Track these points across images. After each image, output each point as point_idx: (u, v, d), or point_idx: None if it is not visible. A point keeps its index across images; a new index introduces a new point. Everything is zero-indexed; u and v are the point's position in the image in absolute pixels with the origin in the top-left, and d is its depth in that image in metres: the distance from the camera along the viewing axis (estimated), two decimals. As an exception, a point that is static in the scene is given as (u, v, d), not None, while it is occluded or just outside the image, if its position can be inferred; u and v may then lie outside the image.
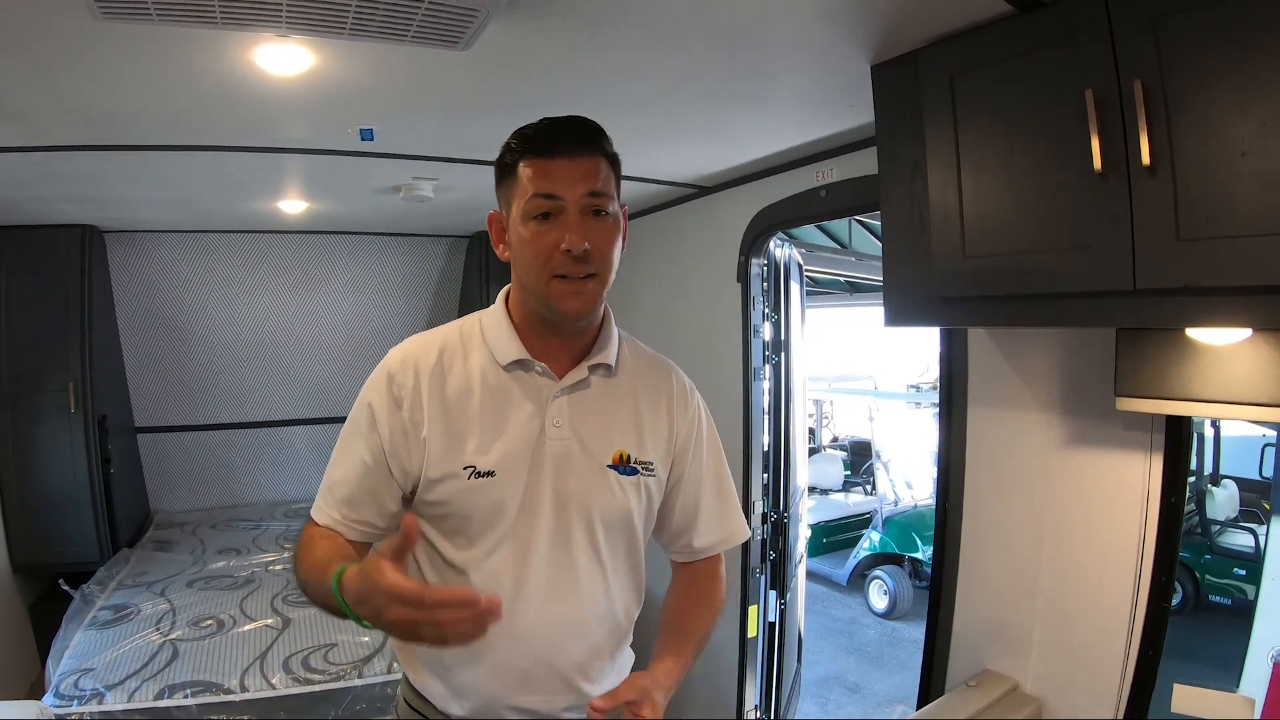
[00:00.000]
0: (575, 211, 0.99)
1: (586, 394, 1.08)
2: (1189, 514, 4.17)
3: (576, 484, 1.05)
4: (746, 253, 2.40)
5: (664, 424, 1.14)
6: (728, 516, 1.21)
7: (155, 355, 3.71)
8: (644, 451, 1.10)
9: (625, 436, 1.09)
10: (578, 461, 1.06)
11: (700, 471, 1.18)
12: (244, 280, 3.81)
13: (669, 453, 1.14)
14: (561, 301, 1.00)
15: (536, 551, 1.04)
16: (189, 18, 1.13)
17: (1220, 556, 4.01)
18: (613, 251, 1.02)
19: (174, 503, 3.84)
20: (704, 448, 1.18)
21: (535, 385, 1.06)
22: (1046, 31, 1.13)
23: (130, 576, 2.95)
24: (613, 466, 1.08)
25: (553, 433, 1.05)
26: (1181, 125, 0.99)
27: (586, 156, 1.00)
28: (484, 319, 1.11)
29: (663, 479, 1.13)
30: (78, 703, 2.06)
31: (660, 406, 1.14)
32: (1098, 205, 1.07)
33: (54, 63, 1.38)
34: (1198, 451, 4.17)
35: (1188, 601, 3.97)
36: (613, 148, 1.05)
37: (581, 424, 1.07)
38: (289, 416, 3.98)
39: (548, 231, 0.99)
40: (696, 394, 1.20)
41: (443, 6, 1.12)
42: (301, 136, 1.96)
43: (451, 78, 1.51)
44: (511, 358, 1.06)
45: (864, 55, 1.39)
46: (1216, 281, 0.99)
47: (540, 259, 0.99)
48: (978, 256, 1.24)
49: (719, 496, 1.20)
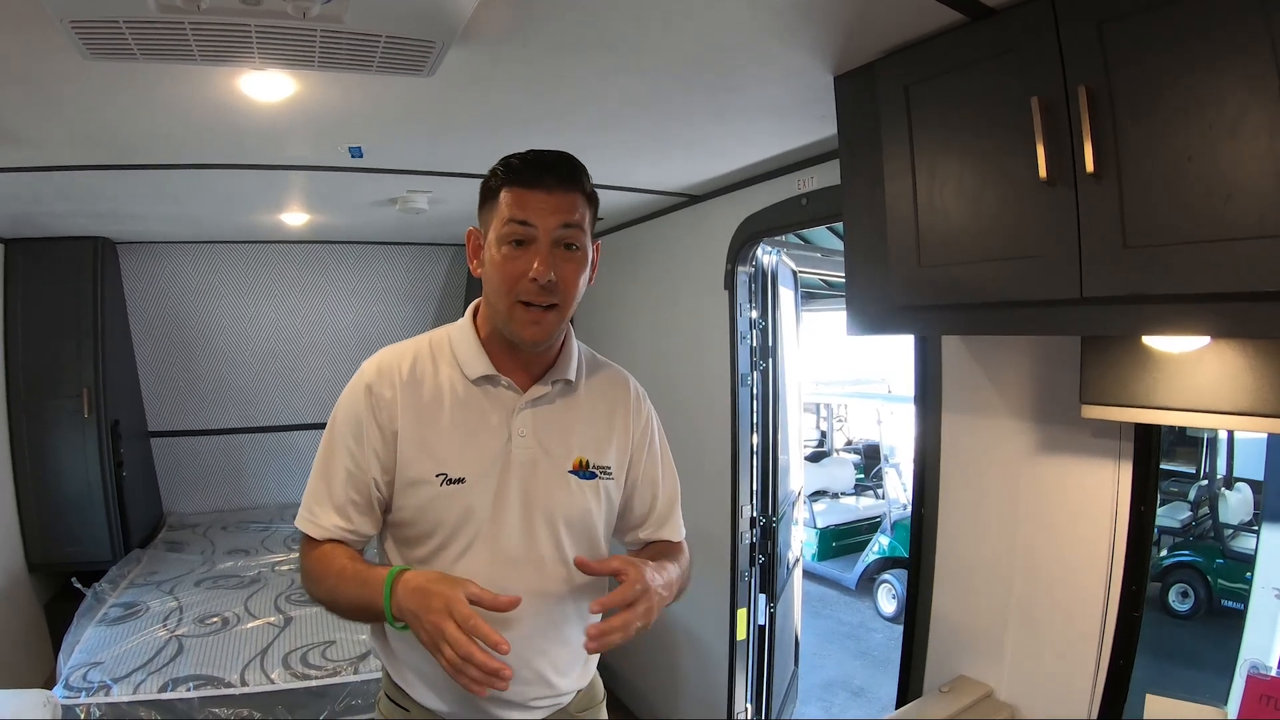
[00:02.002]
0: (547, 243, 1.04)
1: (549, 407, 1.15)
2: (1202, 518, 4.08)
3: (541, 488, 1.12)
4: (733, 260, 2.41)
5: (620, 431, 1.21)
6: (676, 516, 1.29)
7: (168, 362, 3.81)
8: (602, 457, 1.17)
9: (584, 444, 1.16)
10: (542, 468, 1.12)
11: (655, 473, 1.26)
12: (252, 289, 3.90)
13: (624, 456, 1.21)
14: (521, 329, 1.07)
15: (507, 552, 1.10)
16: (171, 55, 1.18)
17: (1233, 561, 3.92)
18: (577, 285, 1.09)
19: (186, 505, 3.94)
20: (655, 448, 1.27)
21: (501, 398, 1.13)
22: (996, 39, 1.13)
23: (141, 576, 3.04)
24: (573, 472, 1.15)
25: (518, 442, 1.11)
26: (1128, 131, 0.98)
27: (564, 192, 1.06)
28: (452, 333, 1.17)
29: (620, 481, 1.21)
30: (86, 694, 2.13)
31: (616, 415, 1.21)
32: (1044, 213, 1.07)
33: (56, 93, 1.45)
34: (1210, 454, 4.08)
35: (1200, 606, 3.88)
36: (591, 186, 1.11)
37: (544, 433, 1.13)
38: (297, 421, 4.06)
39: (518, 258, 1.05)
40: (648, 401, 1.28)
41: (400, 40, 1.16)
42: (295, 154, 2.01)
43: (427, 99, 1.55)
44: (479, 373, 1.12)
45: (826, 67, 1.40)
46: (1166, 289, 0.97)
47: (508, 283, 1.06)
48: (933, 266, 1.24)
49: (669, 497, 1.28)
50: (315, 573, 1.09)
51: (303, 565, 1.13)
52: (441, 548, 1.09)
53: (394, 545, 1.15)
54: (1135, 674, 1.41)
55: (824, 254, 3.73)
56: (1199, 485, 4.08)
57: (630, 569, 1.02)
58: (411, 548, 1.12)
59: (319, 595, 1.09)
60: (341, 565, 1.06)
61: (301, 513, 1.12)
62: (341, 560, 1.06)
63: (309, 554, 1.11)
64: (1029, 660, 1.53)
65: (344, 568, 1.05)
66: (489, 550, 1.09)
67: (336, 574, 1.05)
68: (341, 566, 1.05)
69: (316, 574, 1.09)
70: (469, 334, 1.15)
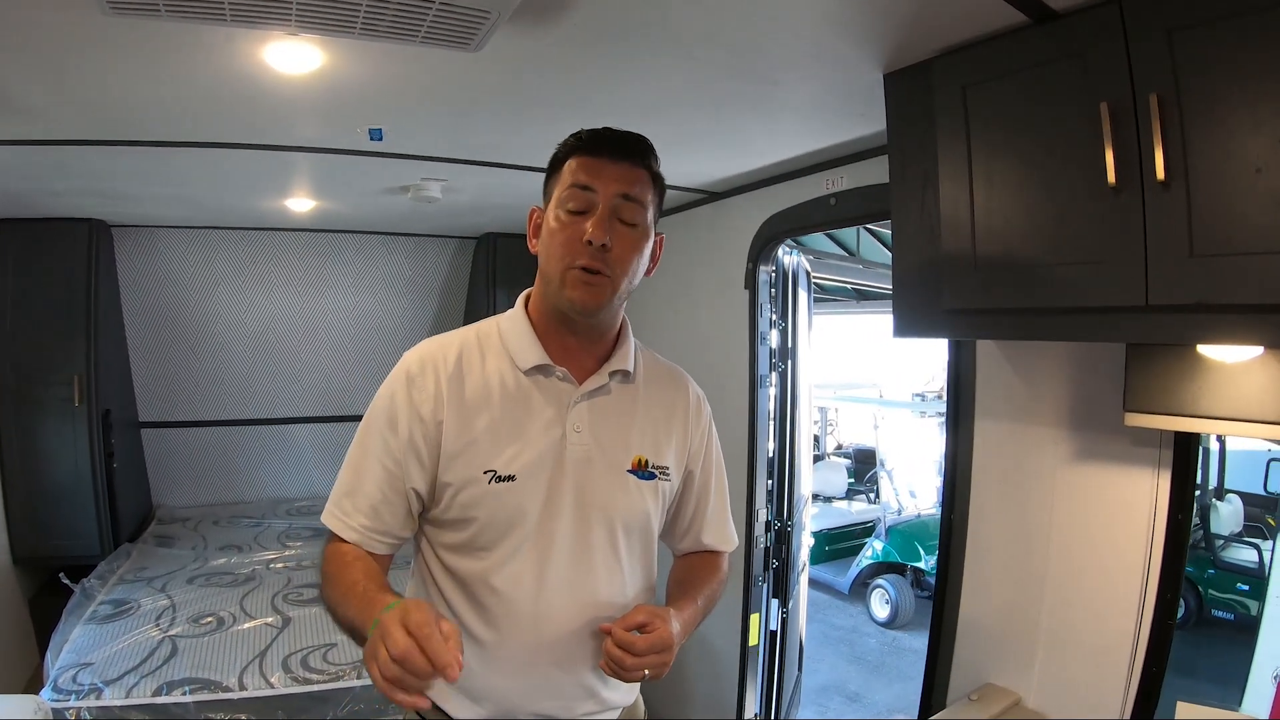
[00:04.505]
0: (606, 209, 1.01)
1: (606, 400, 1.10)
2: (1193, 528, 4.13)
3: (598, 488, 1.06)
4: (755, 259, 2.40)
5: (679, 432, 1.16)
6: (726, 523, 1.26)
7: (161, 350, 3.70)
8: (660, 457, 1.13)
9: (643, 442, 1.11)
10: (598, 466, 1.07)
11: (709, 480, 1.22)
12: (251, 277, 3.80)
13: (682, 460, 1.17)
14: (572, 289, 1.01)
15: (558, 555, 1.04)
16: (198, 14, 1.12)
17: (1224, 571, 3.99)
18: (632, 261, 1.03)
19: (177, 498, 3.84)
20: (713, 457, 1.23)
21: (556, 390, 1.07)
22: (1061, 43, 1.12)
23: (131, 571, 2.95)
24: (632, 471, 1.10)
25: (573, 438, 1.06)
26: (1196, 140, 0.98)
27: (630, 164, 1.03)
28: (502, 323, 1.11)
29: (676, 484, 1.16)
30: (76, 697, 2.05)
31: (675, 415, 1.16)
32: (1111, 219, 1.07)
33: (62, 57, 1.37)
34: (1203, 465, 4.15)
35: (1190, 616, 3.94)
36: (658, 169, 1.07)
37: (601, 429, 1.08)
38: (293, 414, 3.97)
39: (576, 224, 1.01)
40: (707, 405, 1.23)
41: (454, 7, 1.11)
42: (310, 136, 1.96)
43: (462, 79, 1.50)
44: (533, 362, 1.06)
45: (876, 64, 1.38)
46: (1229, 299, 0.98)
47: (564, 247, 1.01)
48: (988, 268, 1.23)
49: (721, 504, 1.25)
50: (331, 577, 1.01)
51: (322, 564, 1.05)
52: (487, 550, 1.03)
53: (433, 550, 1.08)
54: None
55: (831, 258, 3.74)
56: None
57: (657, 622, 0.99)
58: (454, 552, 1.05)
59: (326, 602, 1.01)
60: (353, 580, 0.97)
61: (329, 508, 1.05)
62: (356, 575, 0.98)
63: (331, 554, 1.04)
64: (1059, 668, 1.52)
65: (355, 583, 0.96)
66: (538, 554, 1.03)
67: (347, 587, 0.97)
68: (353, 581, 0.97)
69: (332, 578, 1.01)
70: (521, 321, 1.09)
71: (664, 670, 1.00)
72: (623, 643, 0.97)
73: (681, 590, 1.15)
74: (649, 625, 0.99)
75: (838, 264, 4.19)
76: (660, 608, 1.04)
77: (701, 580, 1.18)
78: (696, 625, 1.12)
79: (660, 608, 1.04)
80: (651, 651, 0.97)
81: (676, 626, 1.02)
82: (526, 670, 1.04)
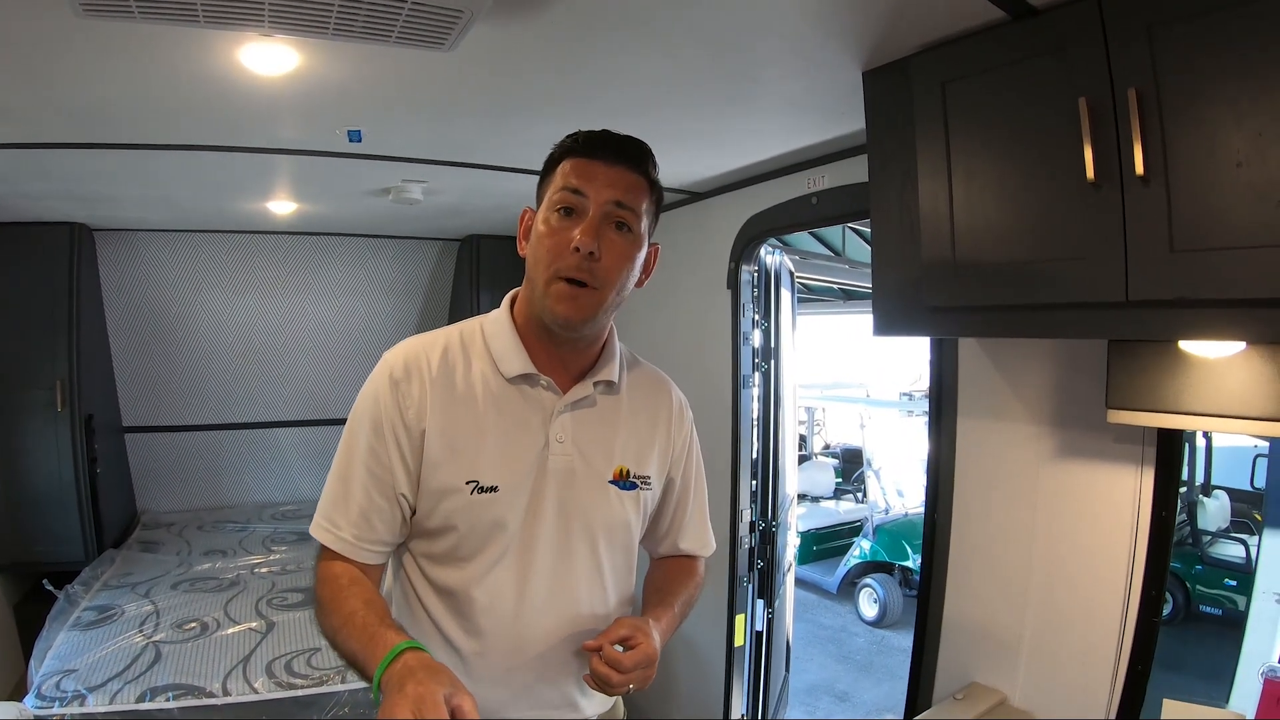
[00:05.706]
0: (597, 215, 0.98)
1: (590, 410, 1.08)
2: (1180, 524, 4.16)
3: (580, 499, 1.05)
4: (737, 259, 2.39)
5: (661, 440, 1.15)
6: (705, 528, 1.26)
7: (144, 355, 3.66)
8: (643, 466, 1.11)
9: (625, 452, 1.10)
10: (581, 477, 1.05)
11: (689, 485, 1.22)
12: (234, 280, 3.77)
13: (664, 467, 1.16)
14: (555, 303, 0.98)
15: (539, 565, 1.03)
16: (171, 15, 1.11)
17: (1211, 567, 4.00)
18: (622, 272, 1.01)
19: (161, 503, 3.80)
20: (693, 463, 1.22)
21: (539, 399, 1.05)
22: (1040, 39, 1.12)
23: (115, 577, 2.91)
24: (614, 482, 1.08)
25: (556, 448, 1.04)
26: (1176, 135, 0.98)
27: (626, 169, 1.00)
28: (485, 325, 1.08)
29: (657, 492, 1.15)
30: (59, 704, 2.03)
31: (659, 423, 1.15)
32: (1091, 215, 1.06)
33: (37, 59, 1.36)
34: (1189, 461, 4.16)
35: (1178, 612, 3.95)
36: (656, 176, 1.05)
37: (584, 440, 1.06)
38: (277, 418, 3.93)
39: (566, 229, 0.98)
40: (689, 411, 1.22)
41: (426, 7, 1.10)
42: (289, 137, 1.94)
43: (438, 79, 1.49)
44: (517, 371, 1.04)
45: (855, 61, 1.38)
46: (1210, 294, 0.98)
47: (550, 253, 0.98)
48: (968, 266, 1.23)
49: (700, 509, 1.25)
50: (326, 604, 0.98)
51: (315, 588, 1.00)
52: (468, 560, 1.01)
53: (414, 559, 1.06)
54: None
55: (817, 258, 3.74)
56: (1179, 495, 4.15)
57: (640, 636, 0.98)
58: (435, 562, 1.03)
59: (323, 629, 0.98)
60: (353, 609, 0.94)
61: (317, 519, 1.02)
62: (354, 604, 0.94)
63: (324, 577, 1.00)
64: (1045, 666, 1.52)
65: (354, 612, 0.93)
66: (520, 564, 1.02)
67: (346, 617, 0.93)
68: (352, 611, 0.93)
69: (327, 606, 0.97)
70: (505, 326, 1.06)
71: (648, 683, 1.00)
72: (610, 660, 0.96)
73: (659, 597, 1.15)
74: (632, 639, 0.98)
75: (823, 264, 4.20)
76: (641, 620, 1.03)
77: (679, 586, 1.18)
78: (673, 632, 1.12)
79: (641, 620, 1.03)
80: (638, 668, 0.97)
81: (658, 638, 1.01)
82: (508, 680, 1.03)
